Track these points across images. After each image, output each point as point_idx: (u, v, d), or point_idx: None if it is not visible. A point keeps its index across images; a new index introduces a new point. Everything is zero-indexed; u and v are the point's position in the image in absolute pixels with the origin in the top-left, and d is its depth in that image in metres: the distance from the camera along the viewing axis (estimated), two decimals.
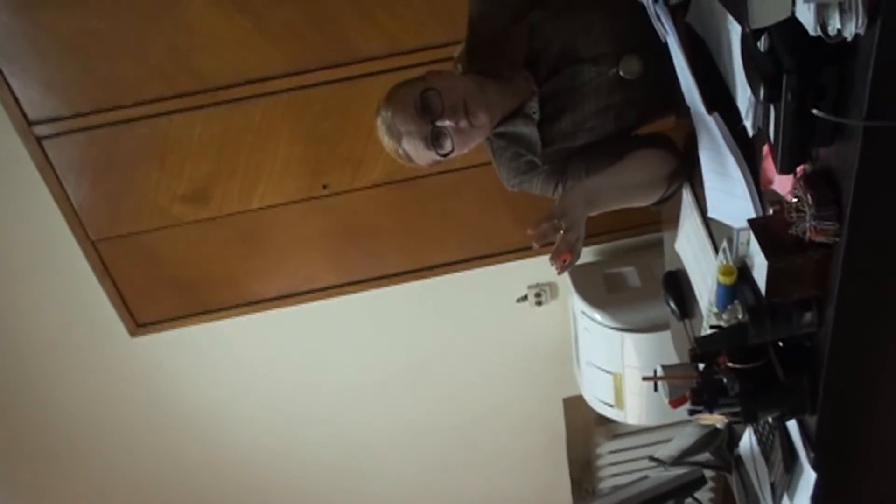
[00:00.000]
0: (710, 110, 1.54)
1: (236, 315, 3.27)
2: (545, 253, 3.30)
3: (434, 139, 1.78)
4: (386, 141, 1.84)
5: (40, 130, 2.66)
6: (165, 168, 2.82)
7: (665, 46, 1.67)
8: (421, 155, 1.83)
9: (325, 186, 2.95)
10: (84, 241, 2.93)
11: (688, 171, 1.93)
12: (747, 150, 1.56)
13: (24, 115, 2.63)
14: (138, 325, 3.20)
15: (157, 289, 3.13)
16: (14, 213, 3.02)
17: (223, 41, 2.60)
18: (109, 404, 3.64)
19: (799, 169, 1.32)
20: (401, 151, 1.83)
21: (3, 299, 3.24)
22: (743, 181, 1.56)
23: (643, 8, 1.63)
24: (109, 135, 2.72)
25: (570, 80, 1.88)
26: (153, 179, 2.84)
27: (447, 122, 1.77)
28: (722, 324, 1.61)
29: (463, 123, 1.77)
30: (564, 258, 1.62)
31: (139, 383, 3.59)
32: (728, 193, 1.63)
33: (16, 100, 2.60)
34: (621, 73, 1.86)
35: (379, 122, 1.84)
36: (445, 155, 1.81)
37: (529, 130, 1.91)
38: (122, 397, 3.62)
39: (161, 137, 2.76)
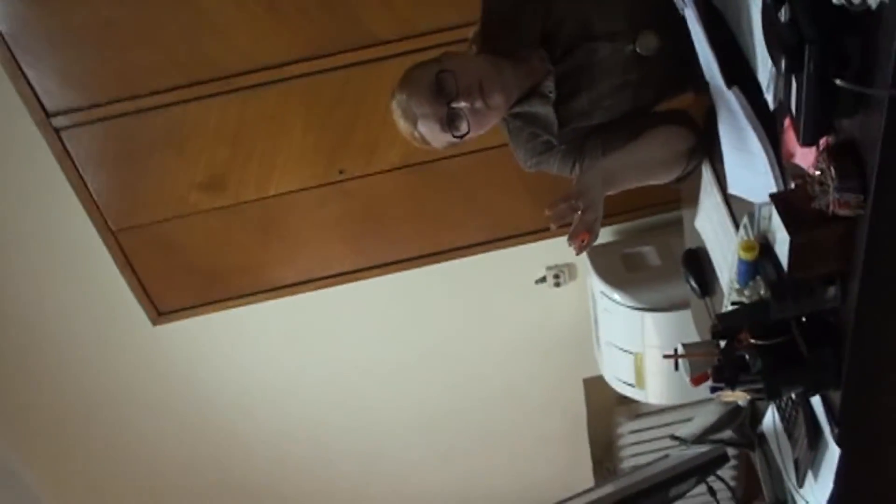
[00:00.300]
0: (729, 84, 1.52)
1: (255, 302, 3.28)
2: (563, 234, 3.30)
3: (450, 121, 1.78)
4: (402, 124, 1.83)
5: (58, 122, 2.67)
6: (182, 157, 2.83)
7: (682, 20, 1.66)
8: (437, 137, 1.82)
9: (341, 171, 2.95)
10: (104, 231, 2.94)
11: (707, 147, 1.92)
12: (768, 124, 1.54)
13: (43, 107, 2.64)
14: (160, 313, 3.22)
15: (178, 277, 3.15)
16: (34, 204, 3.04)
17: (237, 28, 2.60)
18: (132, 393, 3.67)
19: (822, 141, 1.31)
20: (416, 134, 1.83)
21: (25, 291, 3.26)
22: (764, 156, 1.54)
23: None
24: (126, 124, 2.73)
25: (586, 58, 1.86)
26: (170, 168, 2.85)
27: (462, 104, 1.76)
28: (744, 300, 1.60)
29: (478, 104, 1.76)
30: (582, 238, 1.61)
31: (161, 371, 3.61)
32: (748, 169, 1.62)
33: (33, 91, 2.61)
34: (638, 50, 1.84)
35: (394, 105, 1.83)
36: (461, 136, 1.80)
37: (546, 110, 1.89)
38: (144, 386, 3.65)
39: (177, 126, 2.76)
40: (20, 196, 3.01)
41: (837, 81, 1.18)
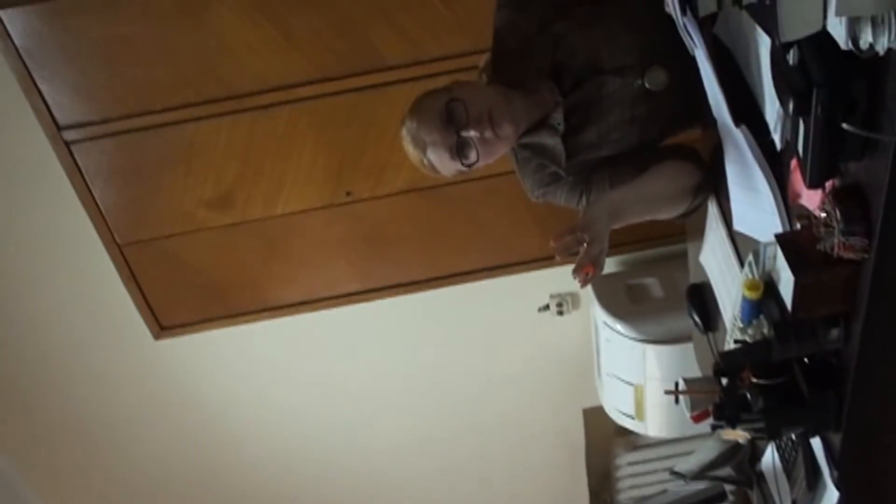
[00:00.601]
0: (737, 123, 1.53)
1: (259, 320, 3.28)
2: (568, 263, 3.29)
3: (459, 149, 1.78)
4: (411, 151, 1.84)
5: (69, 135, 2.69)
6: (191, 173, 2.84)
7: (692, 58, 1.66)
8: (445, 165, 1.82)
9: (348, 193, 2.95)
10: (110, 244, 2.95)
11: (713, 184, 1.92)
12: (775, 164, 1.54)
13: (54, 120, 2.65)
14: (162, 328, 3.22)
15: (182, 293, 3.15)
16: (42, 216, 3.05)
17: (250, 48, 2.61)
18: (133, 406, 3.66)
19: (828, 184, 1.31)
20: (425, 161, 1.83)
21: (30, 301, 3.27)
22: (770, 195, 1.55)
23: (669, 19, 1.63)
24: (137, 140, 2.74)
25: (595, 91, 1.87)
26: (179, 184, 2.86)
27: (472, 133, 1.76)
28: (746, 339, 1.59)
29: (488, 134, 1.77)
30: (587, 271, 1.62)
31: (163, 386, 3.61)
32: (754, 207, 1.62)
33: (46, 105, 2.62)
34: (647, 85, 1.85)
35: (404, 132, 1.83)
36: (470, 165, 1.80)
37: (554, 142, 1.90)
38: (145, 399, 3.65)
39: (187, 143, 2.77)
40: (28, 207, 3.03)
41: (844, 125, 1.18)
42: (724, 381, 1.66)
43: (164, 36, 2.57)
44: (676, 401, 1.92)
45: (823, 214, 1.32)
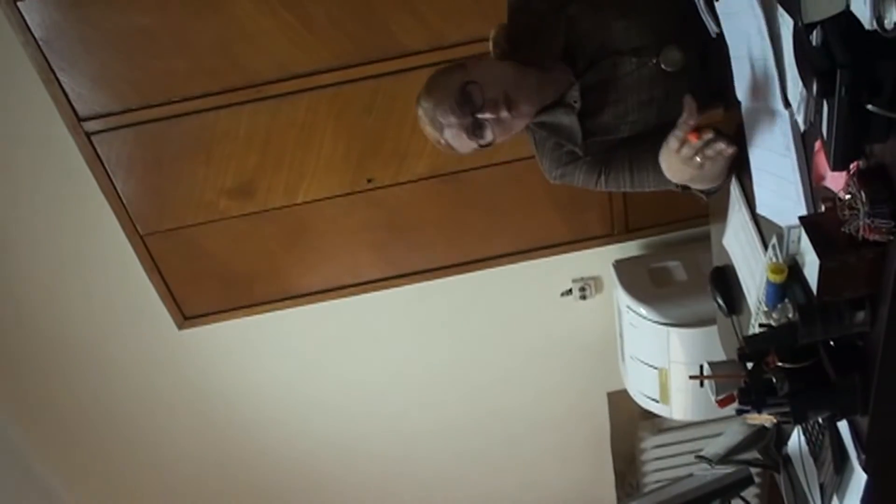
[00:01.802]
0: (786, 105, 1.49)
1: (282, 308, 3.29)
2: (589, 247, 3.30)
3: (475, 130, 1.80)
4: (428, 130, 1.87)
5: (90, 126, 2.70)
6: (212, 163, 2.84)
7: (707, 38, 1.65)
8: (463, 144, 1.85)
9: (369, 180, 2.95)
10: (133, 235, 2.97)
11: (736, 165, 1.90)
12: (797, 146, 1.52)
13: (74, 111, 2.67)
14: (186, 318, 3.24)
15: (204, 282, 3.16)
16: (64, 207, 3.07)
17: (269, 37, 2.61)
18: (158, 395, 3.69)
19: (852, 165, 1.29)
20: (442, 141, 1.86)
21: (53, 293, 3.30)
22: (799, 183, 1.52)
23: None
24: (157, 130, 2.75)
25: (610, 72, 1.86)
26: (200, 174, 2.87)
27: (488, 115, 1.78)
28: (771, 322, 1.58)
29: (503, 115, 1.78)
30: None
31: (186, 375, 3.64)
32: (779, 193, 1.60)
33: (66, 96, 2.63)
34: (662, 65, 1.84)
35: (420, 112, 1.86)
36: (486, 144, 1.83)
37: (570, 120, 1.89)
38: (169, 389, 3.68)
39: (208, 132, 2.78)
40: (50, 198, 3.05)
41: (869, 106, 1.16)
42: (750, 365, 1.65)
43: (182, 25, 2.58)
44: (701, 384, 1.91)
45: (848, 196, 1.30)
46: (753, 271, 1.91)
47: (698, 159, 1.62)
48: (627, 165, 1.92)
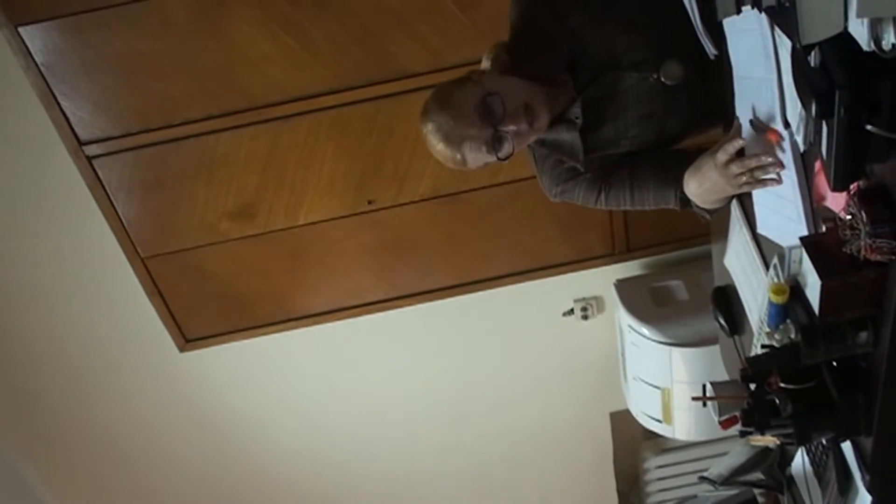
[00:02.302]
0: (786, 125, 1.49)
1: (284, 330, 3.29)
2: (591, 266, 3.29)
3: (495, 143, 1.77)
4: (441, 147, 1.79)
5: (91, 150, 2.71)
6: (213, 185, 2.85)
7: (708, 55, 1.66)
8: (478, 158, 1.80)
9: (370, 202, 2.95)
10: (134, 257, 2.97)
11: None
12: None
13: (76, 135, 2.67)
14: (187, 340, 3.24)
15: (206, 304, 3.16)
16: (66, 230, 3.07)
17: (269, 59, 2.62)
18: (159, 417, 3.68)
19: (853, 186, 1.29)
20: (458, 157, 1.79)
21: (55, 315, 3.29)
22: (800, 204, 1.52)
23: (685, 13, 1.61)
24: (158, 153, 2.76)
25: (611, 86, 1.86)
26: (201, 197, 2.87)
27: (511, 128, 1.75)
28: (774, 343, 1.57)
29: (524, 126, 1.76)
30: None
31: (187, 397, 3.63)
32: (780, 213, 1.60)
33: (67, 120, 2.64)
34: (662, 79, 1.84)
35: (431, 127, 1.79)
36: (505, 158, 1.79)
37: (572, 136, 1.89)
38: (171, 411, 3.66)
39: (208, 155, 2.78)
40: (52, 221, 3.05)
41: (868, 127, 1.16)
42: (752, 386, 1.65)
43: (182, 49, 2.59)
44: (704, 405, 1.90)
45: (849, 217, 1.30)
46: (755, 291, 1.90)
47: (745, 178, 1.61)
48: (628, 183, 1.91)
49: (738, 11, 1.32)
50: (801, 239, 1.42)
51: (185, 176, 2.83)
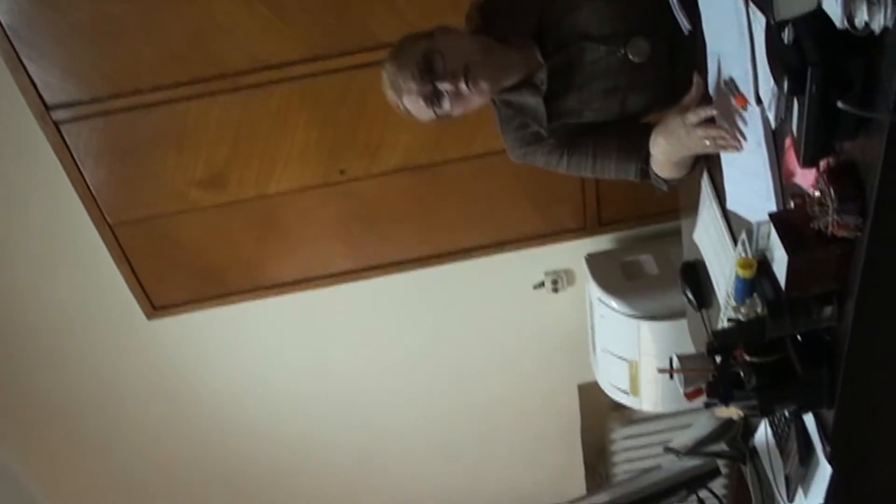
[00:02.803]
0: (758, 101, 1.50)
1: (253, 299, 3.28)
2: (562, 240, 3.31)
3: (433, 99, 1.82)
4: (389, 94, 1.88)
5: (58, 115, 2.66)
6: (183, 153, 2.82)
7: (676, 32, 1.67)
8: (420, 111, 1.86)
9: (342, 172, 2.94)
10: (101, 224, 2.94)
11: (703, 161, 1.92)
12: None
13: (42, 100, 2.63)
14: (155, 308, 3.22)
15: (174, 272, 3.14)
16: (33, 196, 3.03)
17: (241, 26, 2.59)
18: (127, 386, 3.66)
19: (822, 162, 1.31)
20: (401, 107, 1.88)
21: (22, 282, 3.26)
22: (770, 180, 1.54)
23: None
24: (127, 119, 2.72)
25: (578, 57, 1.89)
26: (170, 164, 2.84)
27: (447, 86, 1.80)
28: (740, 317, 1.59)
29: (462, 88, 1.80)
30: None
31: (156, 365, 3.61)
32: (750, 189, 1.62)
33: (34, 84, 2.60)
34: (630, 55, 1.86)
35: (384, 75, 1.88)
36: (443, 115, 1.85)
37: (536, 101, 1.92)
38: (139, 379, 3.64)
39: (178, 122, 2.75)
40: (17, 188, 3.01)
41: (839, 104, 1.18)
42: (718, 358, 1.67)
43: (153, 14, 2.55)
44: (671, 377, 1.92)
45: (817, 193, 1.31)
46: (723, 266, 1.93)
47: (708, 142, 1.67)
48: (591, 152, 1.96)
49: None
50: (770, 214, 1.43)
51: (155, 143, 2.80)
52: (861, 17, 1.07)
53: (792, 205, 1.43)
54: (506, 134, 2.02)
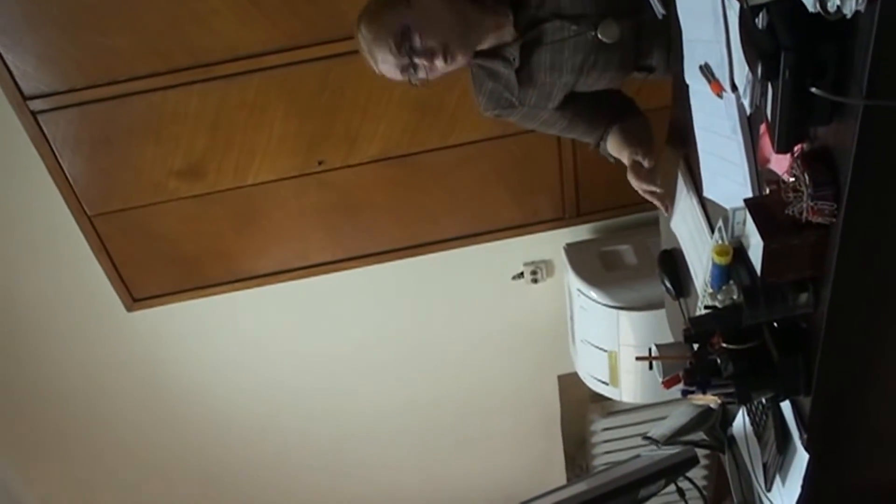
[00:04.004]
0: (733, 88, 1.51)
1: (232, 290, 3.26)
2: (541, 230, 3.31)
3: (409, 70, 1.86)
4: (365, 56, 1.92)
5: (35, 105, 2.64)
6: (161, 143, 2.80)
7: (646, 17, 1.70)
8: (395, 77, 1.91)
9: (320, 162, 2.93)
10: (80, 215, 2.92)
11: (682, 148, 1.94)
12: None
13: (19, 90, 2.60)
14: (134, 299, 3.20)
15: (153, 264, 3.12)
16: (10, 188, 3.00)
17: (219, 16, 2.57)
18: (107, 378, 3.64)
19: (796, 148, 1.31)
20: (377, 71, 1.92)
21: (0, 276, 3.24)
22: (746, 167, 1.54)
23: None
24: (105, 110, 2.70)
25: (550, 34, 1.91)
26: (148, 155, 2.83)
27: (423, 62, 1.84)
28: (717, 304, 1.59)
29: (439, 63, 1.85)
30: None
31: (136, 357, 3.59)
32: (726, 176, 1.62)
33: (10, 74, 2.57)
34: (600, 36, 1.89)
35: (359, 37, 1.90)
36: (418, 84, 1.89)
37: (507, 73, 1.97)
38: (119, 371, 3.63)
39: (156, 112, 2.73)
40: None
41: (813, 89, 1.18)
42: (695, 346, 1.67)
43: (129, 3, 2.53)
44: (650, 367, 1.93)
45: (792, 179, 1.32)
46: (700, 254, 1.93)
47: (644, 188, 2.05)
48: (562, 122, 2.05)
49: None
50: (745, 201, 1.43)
51: (133, 133, 2.78)
52: (834, 1, 1.07)
53: (767, 191, 1.43)
54: (479, 93, 2.06)
